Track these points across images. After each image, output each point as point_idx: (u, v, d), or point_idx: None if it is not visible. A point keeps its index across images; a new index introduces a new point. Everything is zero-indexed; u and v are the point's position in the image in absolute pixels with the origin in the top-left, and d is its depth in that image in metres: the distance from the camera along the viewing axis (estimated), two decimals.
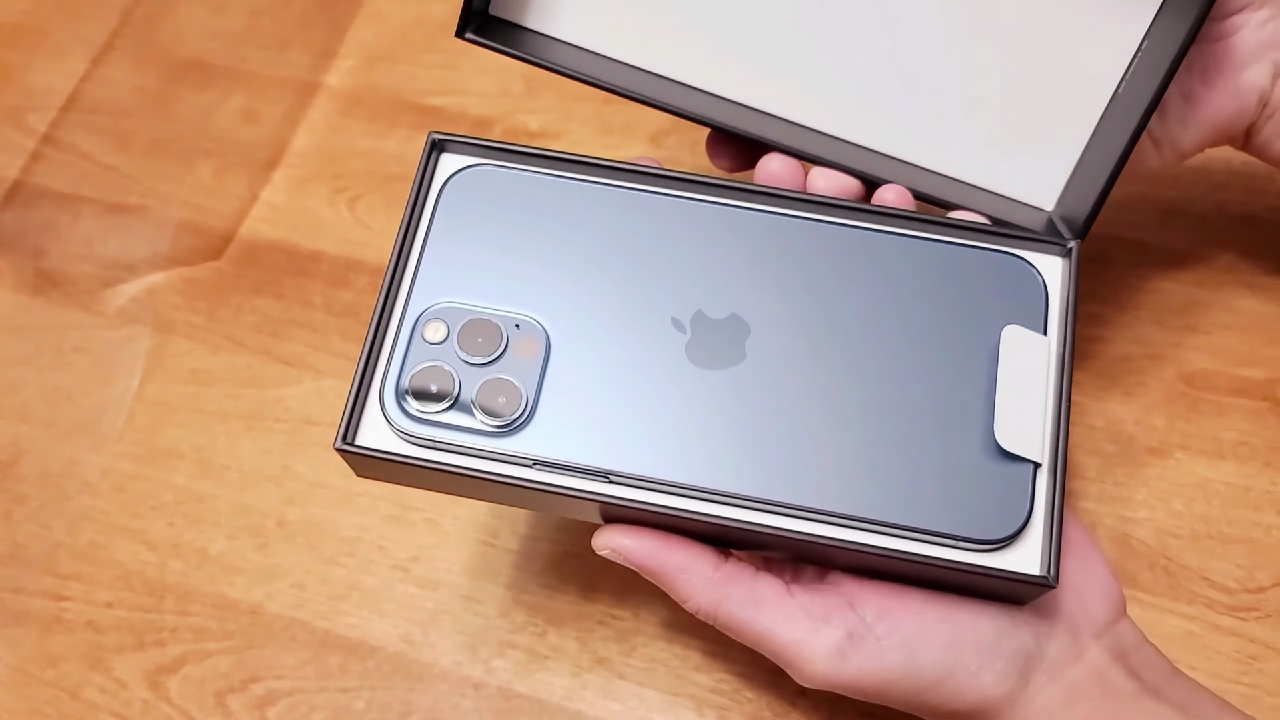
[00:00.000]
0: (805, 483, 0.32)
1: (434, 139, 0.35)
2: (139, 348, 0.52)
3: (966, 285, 0.34)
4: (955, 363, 0.33)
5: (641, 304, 0.34)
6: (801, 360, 0.33)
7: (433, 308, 0.33)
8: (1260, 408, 0.45)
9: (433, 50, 0.60)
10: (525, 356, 0.33)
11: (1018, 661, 0.32)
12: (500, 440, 0.32)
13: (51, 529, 0.47)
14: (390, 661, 0.43)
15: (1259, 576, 0.42)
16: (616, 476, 0.32)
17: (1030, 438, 0.32)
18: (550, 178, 0.35)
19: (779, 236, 0.34)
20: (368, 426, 0.33)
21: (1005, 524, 0.31)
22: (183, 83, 0.60)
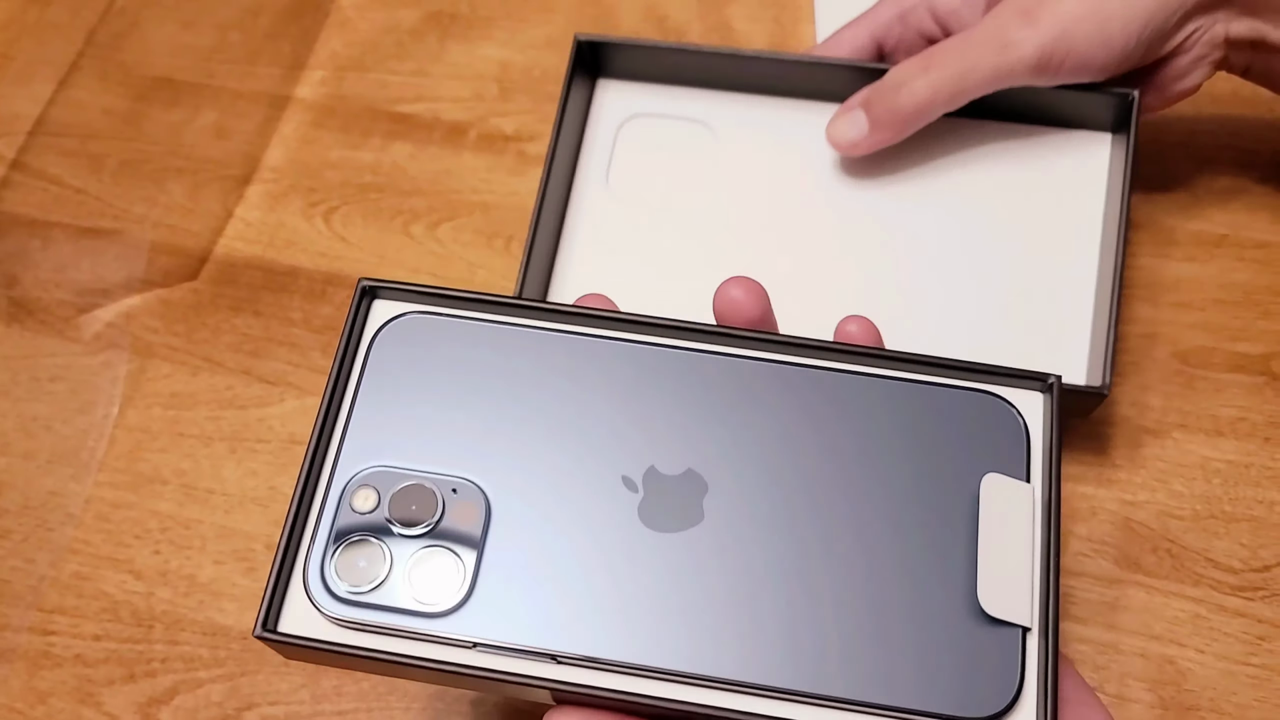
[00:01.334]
0: (773, 660, 0.29)
1: (364, 286, 0.32)
2: (117, 373, 0.51)
3: (941, 429, 0.31)
4: (932, 518, 0.30)
5: (589, 461, 0.31)
6: (764, 520, 0.30)
7: (362, 473, 0.31)
8: (1258, 382, 0.44)
9: (403, 57, 0.59)
10: (463, 524, 0.30)
11: None
12: (435, 621, 0.29)
13: (35, 562, 0.46)
14: (385, 683, 0.42)
15: (1263, 555, 0.41)
16: (564, 657, 0.29)
17: (1018, 600, 0.29)
18: (489, 324, 0.32)
19: (737, 381, 0.32)
20: (291, 609, 0.30)
21: (994, 699, 0.28)
22: (151, 101, 0.59)
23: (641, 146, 0.49)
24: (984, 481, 0.30)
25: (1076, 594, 0.41)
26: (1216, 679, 0.39)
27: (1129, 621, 0.40)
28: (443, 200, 0.54)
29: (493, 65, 0.58)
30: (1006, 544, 0.29)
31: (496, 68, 0.58)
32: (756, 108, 0.49)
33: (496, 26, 0.59)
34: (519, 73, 0.58)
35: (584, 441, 0.31)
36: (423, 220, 0.53)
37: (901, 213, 0.46)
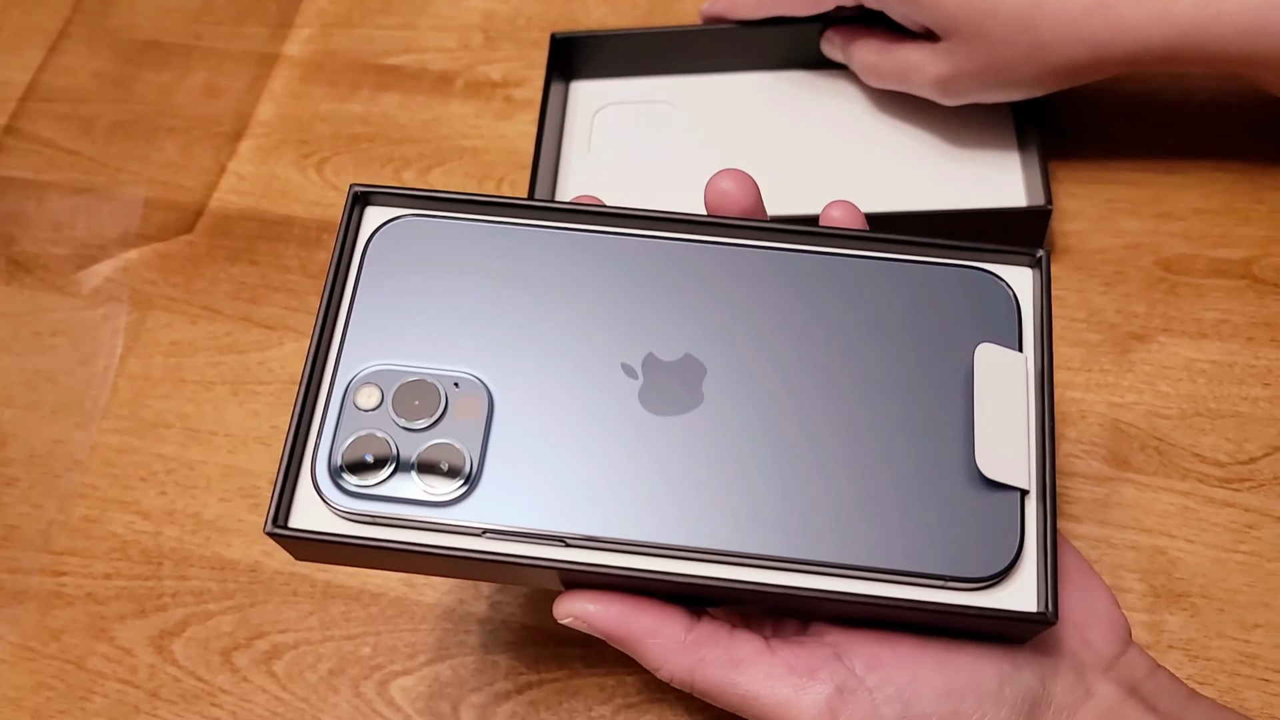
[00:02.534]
0: (777, 531, 0.29)
1: (356, 191, 0.33)
2: (117, 324, 0.51)
3: (932, 305, 0.31)
4: (927, 389, 0.30)
5: (588, 351, 0.31)
6: (763, 399, 0.30)
7: (364, 372, 0.31)
8: (1239, 286, 0.45)
9: (389, 12, 0.60)
10: (467, 417, 0.30)
11: (1023, 708, 0.29)
12: (446, 510, 0.30)
13: (43, 508, 0.47)
14: (393, 605, 0.43)
15: (1249, 448, 0.42)
16: (573, 539, 0.29)
17: (1015, 464, 0.29)
18: (481, 224, 0.33)
19: (730, 268, 0.32)
20: (301, 507, 0.30)
21: (995, 559, 0.29)
22: (141, 64, 0.60)
23: (616, 125, 0.52)
24: (978, 351, 0.30)
25: (1069, 493, 0.42)
26: (1206, 566, 0.40)
27: (1120, 517, 0.41)
28: (433, 147, 0.55)
29: (477, 15, 0.59)
30: (1001, 411, 0.30)
31: (480, 18, 0.59)
32: (708, 84, 0.53)
33: None
34: (503, 21, 0.58)
35: (582, 332, 0.31)
36: (413, 167, 0.54)
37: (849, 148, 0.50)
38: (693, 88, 0.53)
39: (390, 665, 0.42)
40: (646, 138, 0.52)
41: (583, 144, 0.52)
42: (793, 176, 0.48)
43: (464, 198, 0.33)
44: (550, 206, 0.33)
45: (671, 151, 0.51)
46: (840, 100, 0.51)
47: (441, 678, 0.41)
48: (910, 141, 0.49)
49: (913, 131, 0.49)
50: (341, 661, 0.42)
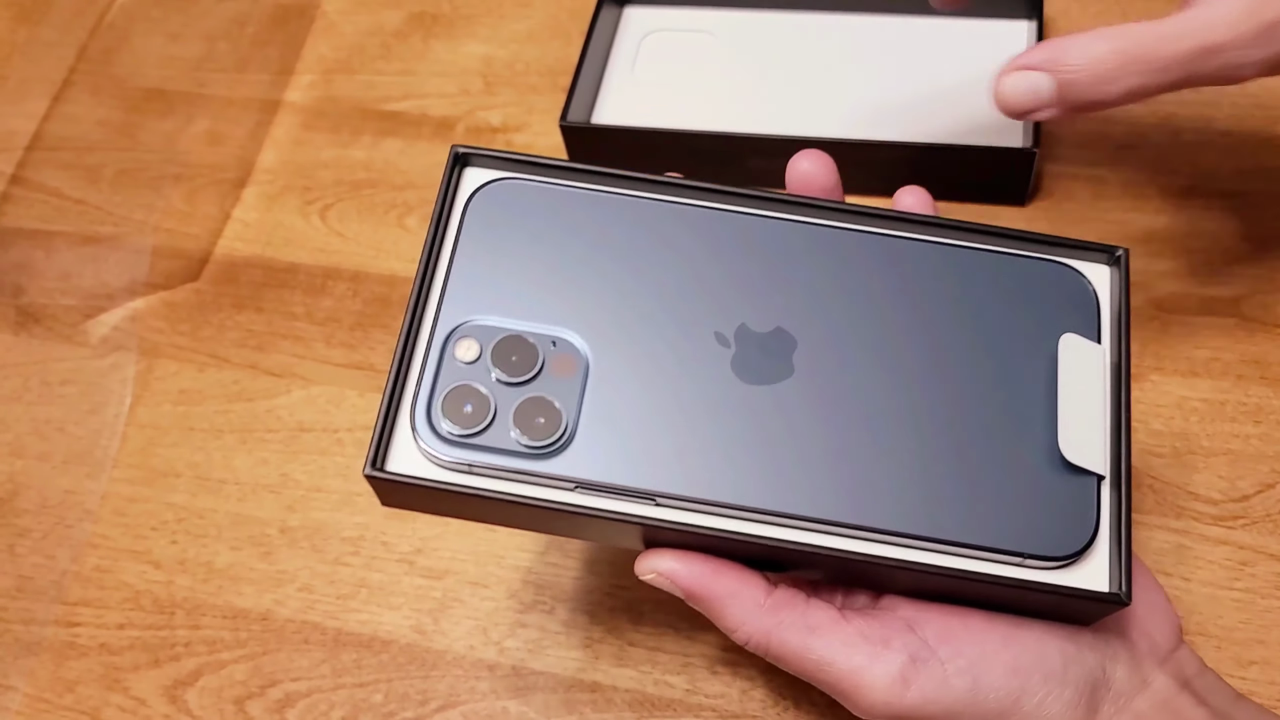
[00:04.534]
0: (861, 500, 0.30)
1: (457, 153, 0.34)
2: (126, 373, 0.52)
3: (1016, 294, 0.33)
4: (1009, 373, 0.32)
5: (682, 318, 0.32)
6: (851, 373, 0.32)
7: (464, 326, 0.32)
8: (1228, 324, 0.46)
9: (389, 58, 0.61)
10: (563, 375, 0.31)
11: (1085, 690, 0.31)
12: (539, 462, 0.31)
13: (56, 558, 0.48)
14: (404, 653, 0.43)
15: (1241, 485, 0.43)
16: (662, 498, 0.30)
17: (1092, 449, 0.30)
18: (578, 190, 0.34)
19: (821, 247, 0.33)
20: (398, 451, 0.31)
21: (1072, 540, 0.30)
22: (145, 112, 0.61)
23: (659, 52, 0.57)
24: (1062, 340, 0.32)
25: None
26: (1202, 604, 0.41)
27: None
28: (435, 192, 0.55)
29: (476, 61, 0.60)
30: (1082, 399, 0.31)
31: (480, 63, 0.60)
32: (755, 19, 0.57)
33: (478, 23, 0.61)
34: (502, 67, 0.59)
35: (677, 301, 0.32)
36: (416, 213, 0.55)
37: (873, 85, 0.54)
38: (739, 21, 0.57)
39: (402, 712, 0.42)
40: (689, 65, 0.56)
41: (627, 66, 0.56)
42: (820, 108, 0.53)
43: (562, 165, 0.34)
44: (642, 178, 0.34)
45: (709, 79, 0.55)
46: (871, 40, 0.55)
47: None
48: (938, 79, 0.52)
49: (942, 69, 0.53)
50: (354, 709, 0.43)
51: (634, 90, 0.55)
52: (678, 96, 0.55)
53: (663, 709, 0.41)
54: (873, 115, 0.53)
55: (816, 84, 0.54)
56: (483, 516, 0.33)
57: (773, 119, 0.53)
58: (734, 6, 0.57)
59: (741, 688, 0.41)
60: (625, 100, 0.55)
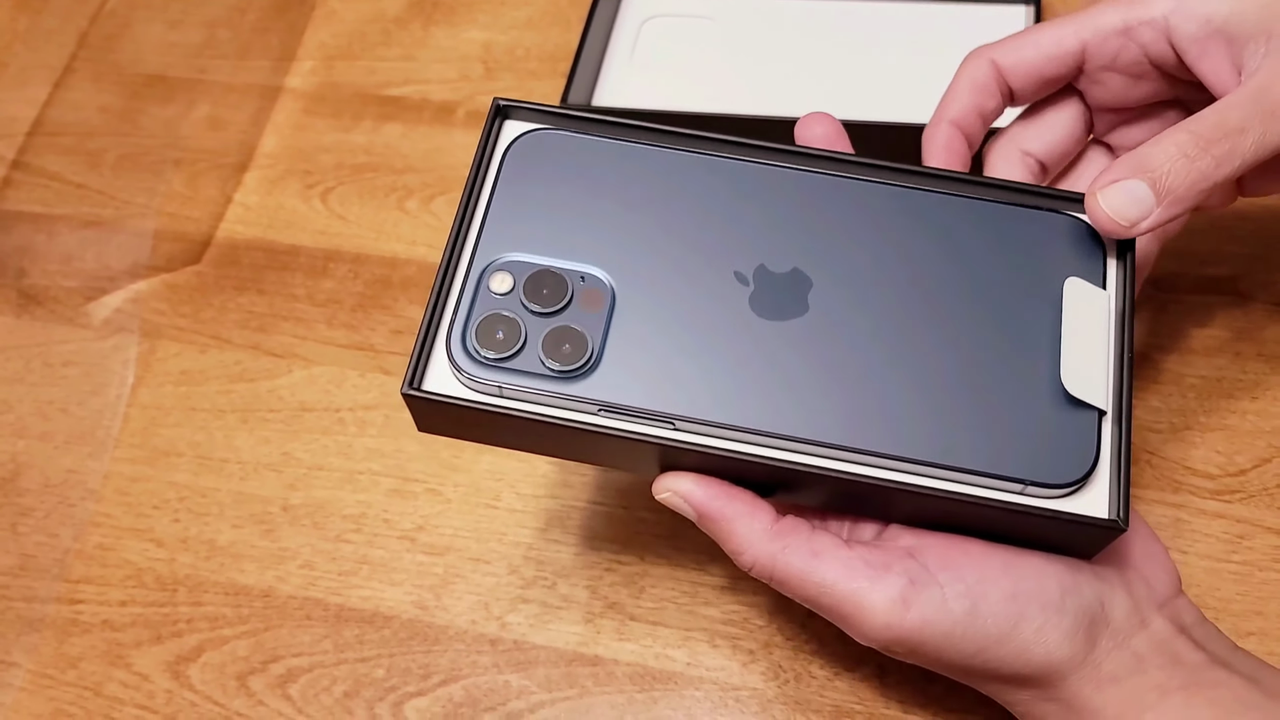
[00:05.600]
0: (872, 427, 0.32)
1: (498, 104, 0.36)
2: (128, 355, 0.52)
3: (1024, 241, 0.34)
4: (1016, 313, 0.33)
5: (704, 259, 0.34)
6: (864, 312, 0.33)
7: (498, 260, 0.34)
8: (1225, 301, 0.46)
9: (389, 44, 0.61)
10: (590, 309, 0.33)
11: (1083, 621, 0.32)
12: (566, 385, 0.32)
13: (59, 537, 0.48)
14: (406, 628, 0.44)
15: (1239, 460, 0.43)
16: (681, 421, 0.32)
17: (1095, 385, 0.32)
18: (611, 142, 0.35)
19: (837, 197, 0.35)
20: (434, 373, 0.33)
21: (1073, 468, 0.31)
22: (145, 98, 0.61)
23: (659, 37, 0.57)
24: (1067, 283, 0.33)
25: None
26: (1201, 577, 0.41)
27: None
28: (436, 176, 0.56)
29: (476, 47, 0.60)
30: (1085, 339, 0.32)
31: (480, 49, 0.60)
32: (750, 3, 0.57)
33: (478, 10, 0.61)
34: (502, 52, 0.59)
35: (699, 242, 0.34)
36: (417, 195, 0.55)
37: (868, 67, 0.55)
38: (738, 5, 0.57)
39: (404, 687, 0.43)
40: (688, 50, 0.56)
41: (626, 51, 0.56)
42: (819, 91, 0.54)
43: (596, 118, 0.36)
44: (675, 131, 0.35)
45: (708, 63, 0.55)
46: (870, 24, 0.56)
47: (455, 698, 0.42)
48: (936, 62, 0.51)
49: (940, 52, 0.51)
50: (356, 684, 0.43)
51: (634, 75, 0.56)
52: (677, 81, 0.55)
53: (664, 682, 0.41)
54: (872, 97, 0.53)
55: (816, 67, 0.55)
56: (510, 440, 0.35)
57: (772, 102, 0.53)
58: None
59: (742, 660, 0.41)
60: (625, 85, 0.55)
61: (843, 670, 0.41)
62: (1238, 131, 0.33)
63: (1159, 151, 0.33)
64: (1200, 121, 0.33)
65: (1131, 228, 0.33)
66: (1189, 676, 0.31)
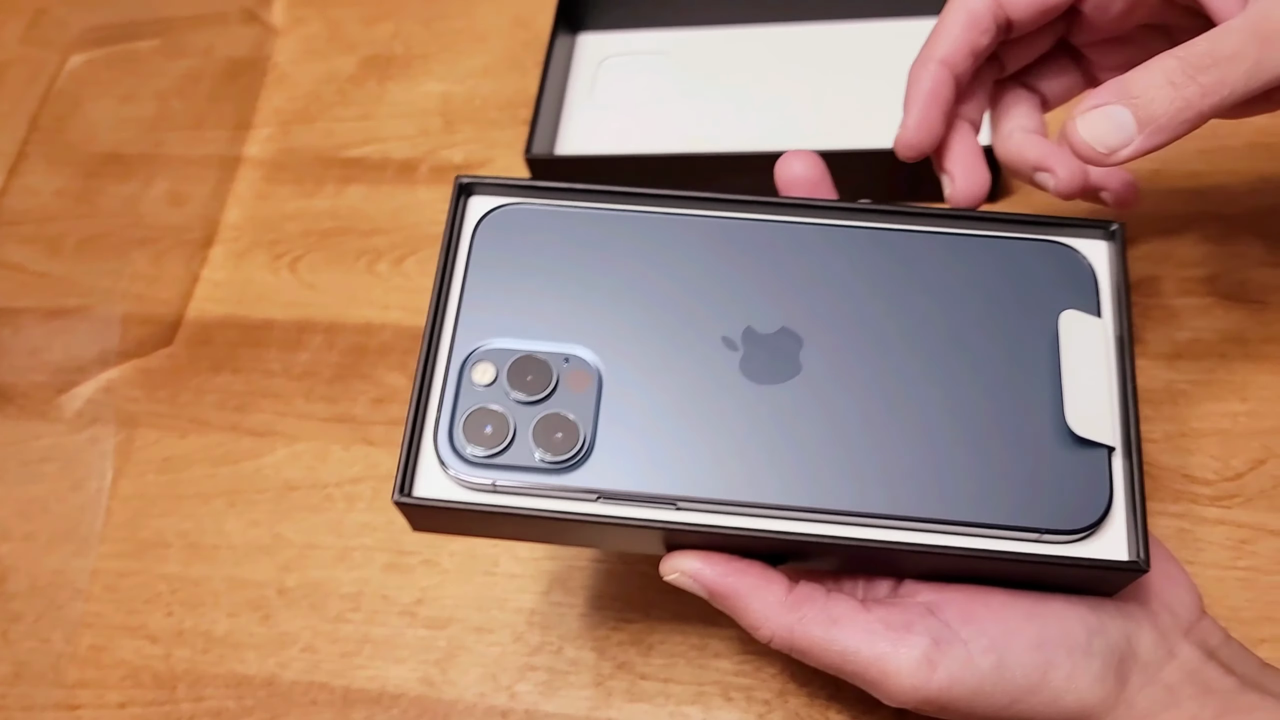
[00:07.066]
0: (877, 488, 0.31)
1: (461, 183, 0.35)
2: (105, 446, 0.51)
3: (1013, 275, 0.33)
4: (1012, 353, 0.32)
5: (689, 326, 0.33)
6: (859, 366, 0.32)
7: (479, 350, 0.33)
8: (1206, 304, 0.46)
9: (345, 104, 0.60)
10: (578, 391, 0.32)
11: (1112, 661, 0.31)
12: (561, 476, 0.31)
13: (51, 640, 0.47)
14: (415, 705, 0.43)
15: (1234, 464, 0.43)
16: (683, 502, 0.31)
17: (1100, 422, 0.31)
18: (581, 210, 0.35)
19: (819, 245, 0.34)
20: (424, 476, 0.32)
21: (1087, 512, 0.31)
22: (103, 178, 0.60)
23: (617, 77, 0.57)
24: (1062, 317, 0.32)
25: None
26: (1207, 586, 0.41)
27: None
28: (404, 236, 0.55)
29: (434, 100, 0.59)
30: (1086, 373, 0.32)
31: (438, 102, 0.59)
32: (708, 37, 0.58)
33: (433, 62, 0.61)
34: (460, 103, 0.59)
35: (682, 309, 0.33)
36: (386, 257, 0.55)
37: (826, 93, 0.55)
38: (692, 40, 0.57)
39: None
40: (647, 87, 0.56)
41: (585, 93, 0.56)
42: (783, 120, 0.54)
43: (562, 187, 0.35)
44: (644, 193, 0.35)
45: (668, 99, 0.55)
46: (827, 48, 0.56)
47: None
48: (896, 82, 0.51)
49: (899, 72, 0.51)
50: None
51: (595, 116, 0.55)
52: (639, 119, 0.55)
53: None
54: (836, 123, 0.53)
55: (777, 96, 0.54)
56: (509, 533, 0.34)
57: (737, 135, 0.53)
58: (686, 25, 0.57)
59: (758, 712, 0.41)
60: (587, 127, 0.55)
61: (861, 714, 0.40)
62: (1229, 59, 0.31)
63: (1144, 77, 0.31)
64: (1191, 48, 0.31)
65: (1109, 155, 0.32)
66: (1222, 704, 0.31)
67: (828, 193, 0.36)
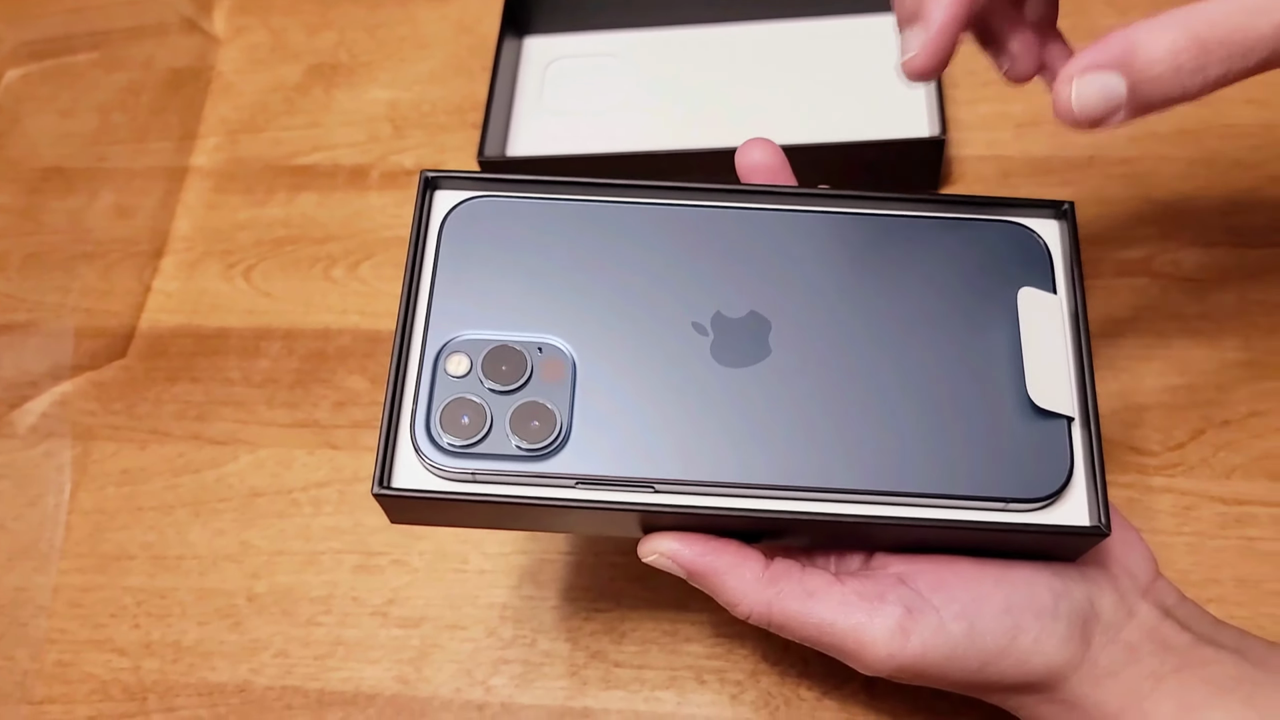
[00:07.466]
0: (847, 464, 0.32)
1: (426, 177, 0.35)
2: (61, 460, 0.51)
3: (971, 255, 0.34)
4: (973, 329, 0.33)
5: (659, 312, 0.34)
6: (826, 347, 0.33)
7: (452, 341, 0.33)
8: (1143, 283, 0.48)
9: (292, 112, 0.60)
10: (552, 379, 0.33)
11: (1077, 623, 0.32)
12: (539, 463, 0.32)
13: (15, 659, 0.46)
14: (391, 704, 0.43)
15: (1176, 434, 0.45)
16: (661, 484, 0.32)
17: (1060, 394, 0.32)
18: (547, 202, 0.35)
19: (783, 231, 0.35)
20: (402, 468, 0.33)
21: (1049, 480, 0.32)
22: (45, 193, 0.59)
23: (565, 79, 0.58)
24: (1020, 294, 0.34)
25: None
26: (1156, 552, 0.41)
27: None
28: (357, 242, 0.55)
29: (381, 106, 0.60)
30: (1044, 348, 0.33)
31: (386, 108, 0.60)
32: (653, 38, 0.58)
33: (378, 69, 0.61)
34: (409, 109, 0.59)
35: (651, 296, 0.34)
36: (341, 263, 0.55)
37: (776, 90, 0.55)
38: (639, 41, 0.58)
39: None
40: (595, 89, 0.57)
41: (534, 96, 0.57)
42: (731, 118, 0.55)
43: (526, 179, 0.35)
44: (608, 183, 0.35)
45: (617, 100, 0.56)
46: (772, 47, 0.57)
47: None
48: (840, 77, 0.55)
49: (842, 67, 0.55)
50: None
51: (545, 119, 0.56)
52: (590, 121, 0.56)
53: None
54: (783, 119, 0.54)
55: (724, 95, 0.55)
56: (488, 522, 0.35)
57: (687, 135, 0.54)
58: (632, 28, 0.58)
59: (731, 693, 0.42)
60: (538, 130, 0.56)
61: (831, 689, 0.41)
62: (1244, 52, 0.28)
63: (1152, 48, 0.28)
64: (1206, 20, 0.28)
65: (1088, 125, 0.30)
66: (1180, 659, 0.32)
67: (787, 180, 0.37)
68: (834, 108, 0.54)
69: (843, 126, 0.52)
